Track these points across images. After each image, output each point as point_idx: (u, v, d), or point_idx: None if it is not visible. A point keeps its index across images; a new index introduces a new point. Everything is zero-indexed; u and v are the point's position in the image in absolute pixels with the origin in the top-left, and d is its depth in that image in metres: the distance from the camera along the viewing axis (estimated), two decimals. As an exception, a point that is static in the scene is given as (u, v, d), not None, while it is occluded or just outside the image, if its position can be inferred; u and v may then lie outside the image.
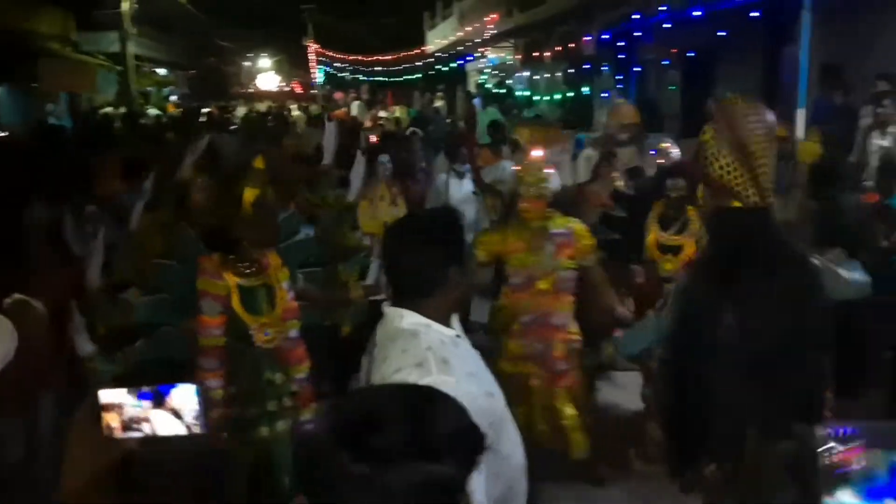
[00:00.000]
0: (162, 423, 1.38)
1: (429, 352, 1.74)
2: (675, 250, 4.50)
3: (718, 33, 10.10)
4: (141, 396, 1.38)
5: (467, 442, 1.09)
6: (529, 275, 3.92)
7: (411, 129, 10.06)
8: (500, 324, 4.07)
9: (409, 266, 1.86)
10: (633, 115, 7.60)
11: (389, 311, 1.88)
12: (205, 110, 17.04)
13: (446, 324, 1.88)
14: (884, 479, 1.38)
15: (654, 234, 4.59)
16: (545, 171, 3.99)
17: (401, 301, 1.88)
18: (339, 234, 4.86)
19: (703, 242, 3.89)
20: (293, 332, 3.08)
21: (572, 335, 4.01)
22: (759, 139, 2.26)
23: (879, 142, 6.78)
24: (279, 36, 36.38)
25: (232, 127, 13.22)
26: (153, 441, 1.39)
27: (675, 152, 5.60)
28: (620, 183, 5.78)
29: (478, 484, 1.53)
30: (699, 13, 9.84)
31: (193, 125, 12.14)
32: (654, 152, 5.95)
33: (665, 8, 11.02)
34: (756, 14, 8.83)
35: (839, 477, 1.38)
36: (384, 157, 6.25)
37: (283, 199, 3.59)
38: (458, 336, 1.89)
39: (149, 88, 23.55)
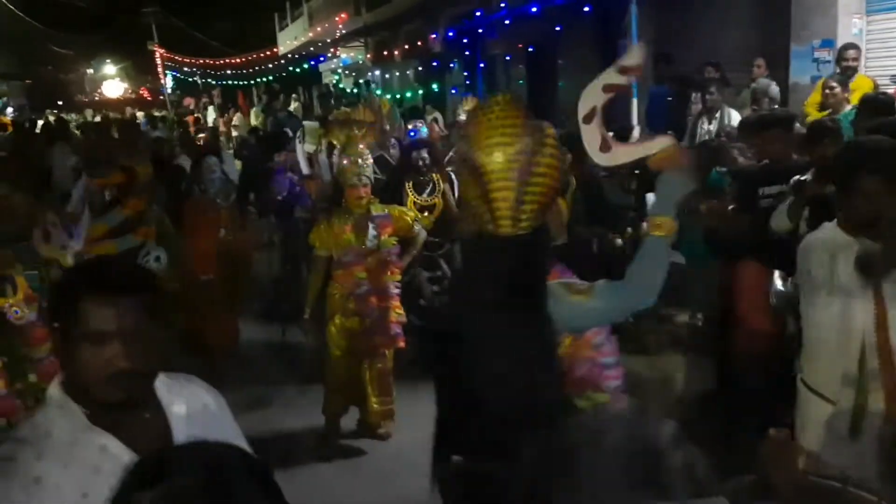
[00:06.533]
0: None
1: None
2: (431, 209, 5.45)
3: (556, 28, 10.28)
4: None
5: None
6: (358, 252, 4.30)
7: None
8: (333, 307, 4.38)
9: None
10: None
11: None
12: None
13: None
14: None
15: (410, 197, 5.41)
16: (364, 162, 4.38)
17: None
18: None
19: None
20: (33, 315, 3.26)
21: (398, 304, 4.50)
22: (496, 163, 1.83)
23: (707, 127, 6.99)
24: (123, 42, 34.59)
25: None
26: None
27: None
28: None
29: None
30: (535, 9, 9.95)
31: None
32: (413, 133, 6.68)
33: (504, 4, 11.10)
34: (587, 9, 8.99)
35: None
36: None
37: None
38: None
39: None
